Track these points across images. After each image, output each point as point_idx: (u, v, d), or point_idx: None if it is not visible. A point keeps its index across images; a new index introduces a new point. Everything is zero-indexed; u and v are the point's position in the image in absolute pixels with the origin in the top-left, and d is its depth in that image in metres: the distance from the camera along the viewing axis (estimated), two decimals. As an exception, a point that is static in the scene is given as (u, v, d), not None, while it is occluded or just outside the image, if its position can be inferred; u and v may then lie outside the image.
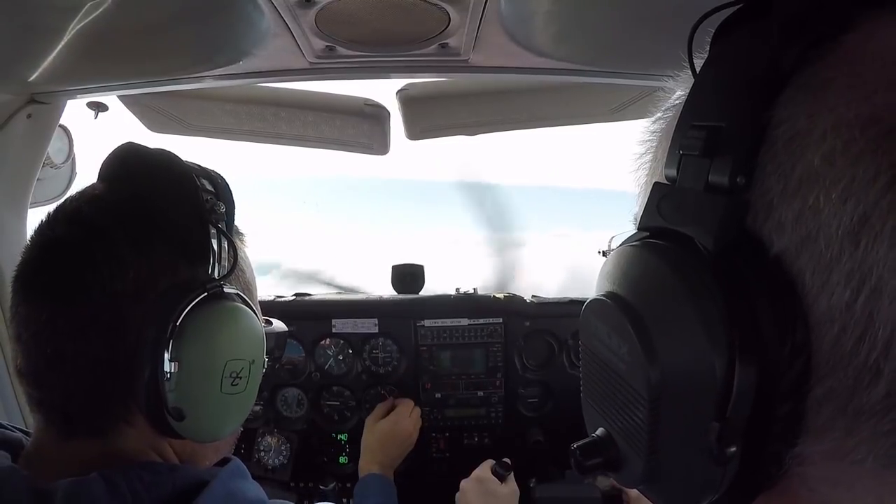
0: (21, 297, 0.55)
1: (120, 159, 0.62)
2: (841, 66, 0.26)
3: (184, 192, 0.58)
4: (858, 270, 0.23)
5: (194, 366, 0.55)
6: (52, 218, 0.58)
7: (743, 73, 0.29)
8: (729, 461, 0.26)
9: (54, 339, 0.53)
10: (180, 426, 0.55)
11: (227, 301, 0.59)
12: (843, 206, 0.24)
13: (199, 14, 0.83)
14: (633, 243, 0.32)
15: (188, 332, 0.54)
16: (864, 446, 0.25)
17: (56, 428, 0.55)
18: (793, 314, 0.25)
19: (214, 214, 0.58)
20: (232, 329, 0.58)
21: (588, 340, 0.35)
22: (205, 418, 0.57)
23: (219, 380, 0.57)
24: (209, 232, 0.58)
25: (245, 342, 0.60)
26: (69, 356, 0.53)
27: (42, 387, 0.55)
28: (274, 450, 1.59)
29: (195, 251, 0.57)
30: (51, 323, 0.53)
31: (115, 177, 0.61)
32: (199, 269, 0.57)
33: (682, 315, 0.27)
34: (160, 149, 0.60)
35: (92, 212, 0.56)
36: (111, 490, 0.50)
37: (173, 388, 0.54)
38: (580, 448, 0.34)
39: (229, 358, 0.57)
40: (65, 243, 0.55)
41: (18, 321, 0.55)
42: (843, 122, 0.24)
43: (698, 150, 0.28)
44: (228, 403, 0.58)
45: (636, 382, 0.30)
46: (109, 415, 0.55)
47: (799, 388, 0.25)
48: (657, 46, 0.89)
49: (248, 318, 0.60)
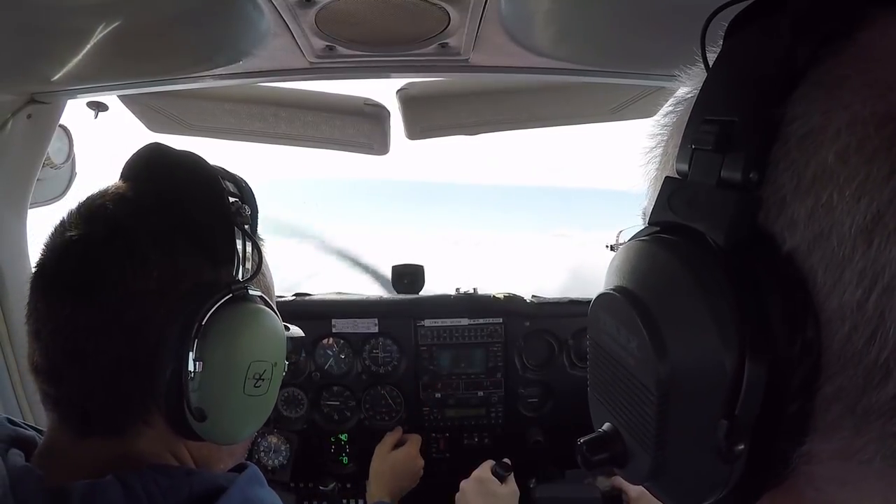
0: (41, 293, 0.55)
1: (144, 159, 0.62)
2: (856, 63, 0.26)
3: (209, 194, 0.58)
4: (871, 269, 0.23)
5: (218, 366, 0.55)
6: (74, 215, 0.57)
7: (756, 68, 0.29)
8: (737, 459, 0.26)
9: (74, 336, 0.53)
10: (201, 427, 0.55)
11: (252, 303, 0.59)
12: (856, 204, 0.23)
13: (199, 14, 0.83)
14: (644, 238, 0.32)
15: (213, 333, 0.54)
16: (873, 446, 0.24)
17: (72, 426, 0.55)
18: (804, 312, 0.25)
19: (240, 217, 0.58)
20: (256, 330, 0.58)
21: (596, 335, 0.35)
22: (226, 420, 0.57)
23: (242, 381, 0.57)
24: (234, 234, 0.58)
25: (269, 344, 0.60)
26: (89, 353, 0.53)
27: (60, 384, 0.55)
28: (274, 450, 1.59)
29: (220, 253, 0.57)
30: (72, 320, 0.53)
31: (140, 176, 0.61)
32: (223, 271, 0.57)
33: (692, 311, 0.27)
34: (186, 150, 0.61)
35: (116, 210, 0.56)
36: (127, 493, 0.50)
37: (196, 388, 0.53)
38: (587, 443, 0.34)
39: (253, 359, 0.57)
40: (88, 240, 0.55)
41: (37, 317, 0.55)
42: (859, 120, 0.24)
43: (711, 145, 0.28)
44: (250, 405, 0.58)
45: (645, 378, 0.29)
46: (128, 414, 0.55)
47: (808, 387, 0.25)
48: (657, 46, 0.89)
49: (271, 321, 0.61)
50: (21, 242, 1.21)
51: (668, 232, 0.31)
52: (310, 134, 1.40)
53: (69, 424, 0.55)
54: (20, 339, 1.19)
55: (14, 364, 1.20)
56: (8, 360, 1.20)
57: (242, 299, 0.58)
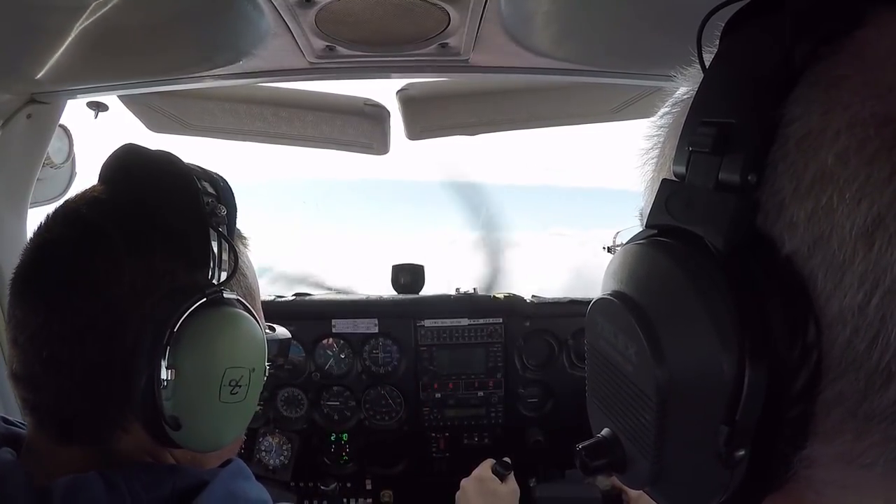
0: (17, 299, 0.54)
1: (120, 160, 0.61)
2: (855, 62, 0.25)
3: (184, 195, 0.56)
4: (872, 272, 0.23)
5: (192, 374, 0.53)
6: (50, 219, 0.57)
7: (754, 69, 0.28)
8: (737, 464, 0.26)
9: (49, 343, 0.52)
10: (177, 435, 0.53)
11: (227, 307, 0.57)
12: (857, 207, 0.23)
13: (199, 14, 0.83)
14: (641, 241, 0.31)
15: (186, 339, 0.53)
16: (874, 450, 0.24)
17: (50, 433, 0.54)
18: (804, 316, 0.24)
19: (215, 217, 0.57)
20: (231, 336, 0.57)
21: (594, 340, 0.34)
22: (203, 428, 0.56)
23: (217, 388, 0.55)
24: (209, 235, 0.56)
25: (245, 349, 0.58)
26: (65, 360, 0.52)
27: (37, 391, 0.54)
28: (275, 450, 1.59)
29: (195, 255, 0.56)
30: (46, 326, 0.52)
31: (115, 178, 0.60)
32: (199, 274, 0.56)
33: (691, 315, 0.27)
34: (161, 150, 0.59)
35: (89, 213, 0.55)
36: (110, 488, 0.49)
37: (170, 397, 0.52)
38: (585, 449, 0.34)
39: (228, 366, 0.56)
40: (61, 244, 0.54)
41: (15, 324, 0.54)
42: (858, 121, 0.24)
43: (708, 147, 0.28)
44: (228, 412, 0.57)
45: (644, 383, 0.29)
46: (105, 421, 0.54)
47: (809, 391, 0.25)
48: (657, 46, 0.89)
49: (248, 325, 0.59)
50: (21, 242, 1.21)
51: (666, 235, 0.30)
52: (310, 134, 1.40)
53: (47, 431, 0.54)
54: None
55: (14, 364, 1.20)
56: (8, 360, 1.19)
57: (217, 303, 0.56)
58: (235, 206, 0.60)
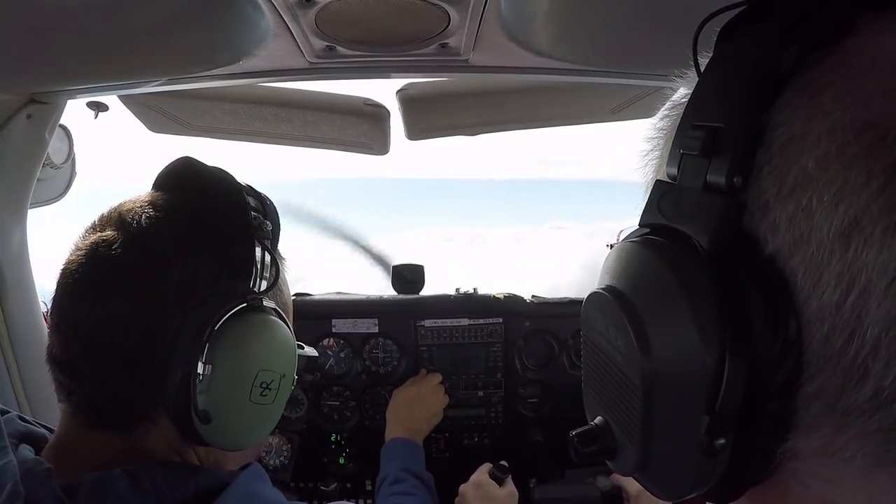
0: (65, 289, 0.58)
1: (175, 171, 0.65)
2: (840, 70, 0.26)
3: (233, 207, 0.61)
4: (848, 272, 0.24)
5: (227, 370, 0.57)
6: (104, 218, 0.61)
7: (743, 74, 0.29)
8: (718, 453, 0.27)
9: (92, 331, 0.55)
10: (205, 430, 0.56)
11: (265, 314, 0.61)
12: (834, 209, 0.24)
13: (199, 14, 0.83)
14: (633, 239, 0.33)
15: (224, 338, 0.56)
16: (853, 444, 0.25)
17: (82, 418, 0.57)
18: (785, 313, 0.26)
19: (261, 231, 0.61)
20: (267, 340, 0.60)
21: (589, 332, 0.36)
22: (231, 425, 0.59)
23: (249, 387, 0.58)
24: (254, 248, 0.60)
25: (279, 355, 0.62)
26: (104, 348, 0.55)
27: (74, 376, 0.57)
28: (275, 450, 1.59)
29: (239, 264, 0.60)
30: (91, 315, 0.55)
31: (169, 186, 0.64)
32: (241, 282, 0.60)
33: (675, 310, 0.28)
34: (216, 166, 0.64)
35: (144, 216, 0.59)
36: (135, 486, 0.52)
37: (203, 391, 0.55)
38: (578, 435, 0.35)
39: (262, 367, 0.59)
40: (115, 242, 0.57)
41: (60, 311, 0.58)
42: (839, 127, 0.25)
43: (698, 150, 0.29)
44: (256, 413, 0.60)
45: (631, 373, 0.31)
46: (136, 411, 0.57)
47: (789, 385, 0.26)
48: (657, 46, 0.89)
49: (283, 333, 0.63)
50: (21, 242, 1.21)
51: (657, 234, 0.32)
52: (310, 134, 1.40)
53: (79, 415, 0.57)
54: (20, 339, 1.19)
55: (14, 364, 1.20)
56: (8, 360, 1.19)
57: (256, 309, 0.60)
58: (279, 224, 0.65)
